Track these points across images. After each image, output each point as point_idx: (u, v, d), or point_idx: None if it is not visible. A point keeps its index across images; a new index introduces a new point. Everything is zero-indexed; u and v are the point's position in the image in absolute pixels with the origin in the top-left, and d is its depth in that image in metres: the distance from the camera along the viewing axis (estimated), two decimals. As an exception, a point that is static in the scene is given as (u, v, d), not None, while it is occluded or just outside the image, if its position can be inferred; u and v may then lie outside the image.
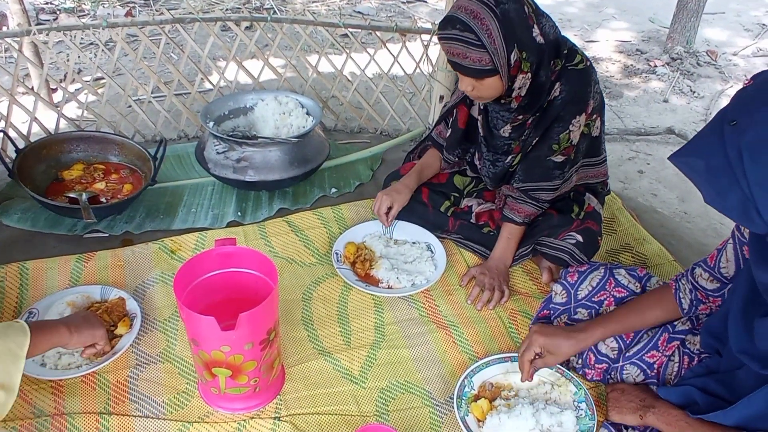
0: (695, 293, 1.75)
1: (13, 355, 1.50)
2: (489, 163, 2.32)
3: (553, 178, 2.20)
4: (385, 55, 3.14)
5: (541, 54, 1.98)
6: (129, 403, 1.83)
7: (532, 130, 2.17)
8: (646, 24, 5.61)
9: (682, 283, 1.79)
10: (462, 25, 1.88)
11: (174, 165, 2.87)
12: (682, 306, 1.77)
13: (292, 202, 2.67)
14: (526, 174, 2.22)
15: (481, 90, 2.01)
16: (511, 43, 1.90)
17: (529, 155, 2.21)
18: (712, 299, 1.73)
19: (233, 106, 2.83)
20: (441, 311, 2.18)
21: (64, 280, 2.21)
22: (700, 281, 1.73)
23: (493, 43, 1.87)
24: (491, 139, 2.27)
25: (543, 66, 2.00)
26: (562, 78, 2.06)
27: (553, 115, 2.10)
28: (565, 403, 1.85)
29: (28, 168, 2.52)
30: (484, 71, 1.92)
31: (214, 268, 1.79)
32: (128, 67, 3.07)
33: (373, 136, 3.27)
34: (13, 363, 1.49)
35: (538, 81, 2.02)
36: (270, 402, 1.84)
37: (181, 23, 2.90)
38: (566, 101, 2.08)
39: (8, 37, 2.74)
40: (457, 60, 1.94)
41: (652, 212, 2.89)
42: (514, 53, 1.91)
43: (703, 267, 1.74)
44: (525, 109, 2.11)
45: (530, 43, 1.94)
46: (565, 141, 2.13)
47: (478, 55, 1.89)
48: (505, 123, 2.19)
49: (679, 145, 3.74)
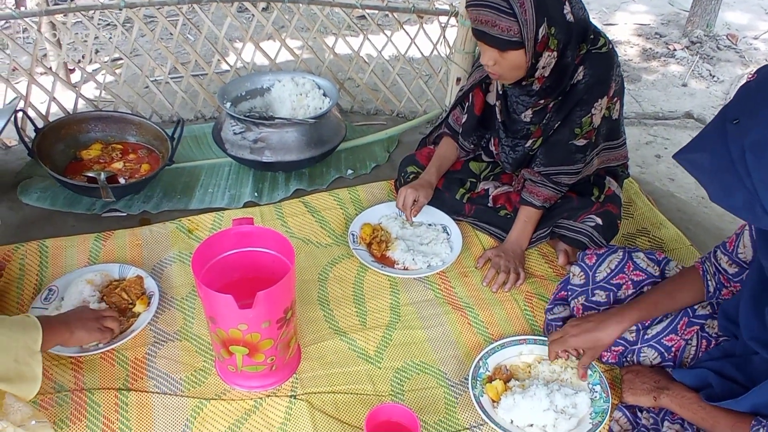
0: (719, 276, 1.74)
1: (30, 349, 1.54)
2: (508, 149, 2.31)
3: (575, 162, 2.19)
4: (401, 36, 3.13)
5: (570, 33, 1.96)
6: (147, 380, 1.85)
7: (553, 114, 2.16)
8: (666, 7, 5.55)
9: (707, 266, 1.78)
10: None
11: (191, 145, 2.89)
12: (708, 289, 1.76)
13: (309, 183, 2.68)
14: (547, 158, 2.22)
15: (503, 65, 1.99)
16: (542, 17, 1.88)
17: (550, 139, 2.20)
18: (733, 284, 1.72)
19: (250, 87, 2.84)
20: (456, 293, 2.19)
21: (83, 258, 2.23)
22: (722, 264, 1.73)
23: (524, 13, 1.86)
24: (511, 124, 2.26)
25: (570, 46, 1.99)
26: (586, 62, 2.05)
27: (576, 98, 2.09)
28: (579, 385, 1.86)
29: (47, 147, 2.54)
30: (510, 43, 1.91)
31: (232, 247, 1.80)
32: (146, 48, 3.08)
33: (389, 118, 3.26)
34: (31, 357, 1.54)
35: (563, 62, 2.01)
36: (286, 380, 1.86)
37: (198, 3, 2.90)
38: (590, 85, 2.06)
39: (27, 16, 2.75)
40: (484, 28, 1.92)
41: (670, 197, 2.87)
42: (543, 27, 1.90)
43: (722, 250, 1.73)
44: (547, 92, 2.10)
45: (560, 19, 1.93)
46: (587, 124, 2.12)
47: (507, 23, 1.87)
48: (526, 108, 2.18)
49: (698, 130, 3.73)
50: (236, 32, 3.93)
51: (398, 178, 2.54)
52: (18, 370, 1.50)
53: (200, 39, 3.03)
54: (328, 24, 3.08)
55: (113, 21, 3.16)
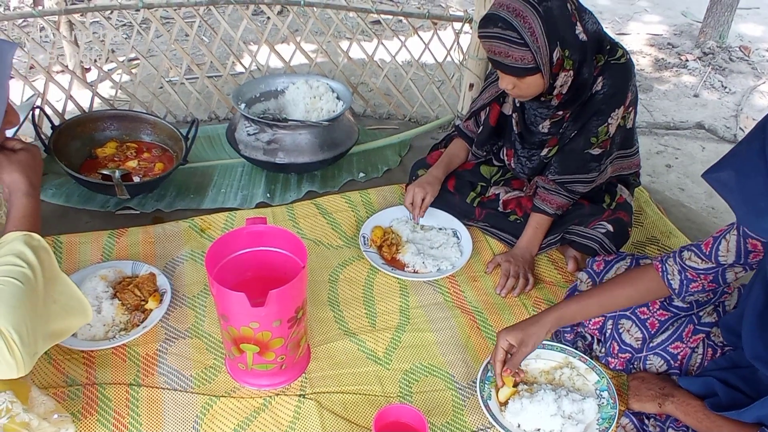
0: (684, 273, 1.72)
1: (61, 279, 1.49)
2: (525, 159, 2.33)
3: (590, 171, 2.20)
4: (415, 42, 3.14)
5: (584, 51, 1.98)
6: (158, 376, 1.87)
7: (570, 123, 2.17)
8: (679, 18, 5.55)
9: (668, 265, 1.75)
10: (504, 23, 1.87)
11: (204, 146, 2.91)
12: (672, 286, 1.74)
13: (321, 186, 2.69)
14: (562, 166, 2.22)
15: (522, 88, 2.01)
16: (554, 41, 1.90)
17: (566, 147, 2.21)
18: (704, 276, 1.69)
19: (264, 89, 2.86)
20: (466, 297, 2.20)
21: (97, 254, 2.26)
22: (689, 263, 1.70)
23: (536, 41, 1.87)
24: (528, 136, 2.28)
25: (586, 63, 2.00)
26: (605, 72, 2.06)
27: (594, 108, 2.11)
28: (587, 390, 1.87)
29: (63, 144, 2.57)
30: (526, 70, 1.93)
31: (245, 246, 1.82)
32: (161, 48, 3.10)
33: (401, 122, 3.28)
34: (64, 284, 1.50)
35: (580, 78, 2.02)
36: (295, 380, 1.88)
37: (215, 5, 2.93)
38: (608, 95, 2.08)
39: (46, 15, 2.78)
40: (498, 59, 1.94)
41: (680, 206, 2.88)
42: (556, 51, 1.91)
43: (695, 252, 1.70)
44: (565, 105, 2.11)
45: (573, 41, 1.94)
46: (604, 134, 2.14)
47: (520, 53, 1.89)
48: (544, 119, 2.19)
49: (709, 141, 3.73)
50: (251, 35, 3.95)
51: (410, 181, 2.55)
52: (67, 309, 1.49)
53: (216, 40, 3.05)
54: (343, 28, 3.10)
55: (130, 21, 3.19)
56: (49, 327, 1.43)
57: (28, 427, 1.45)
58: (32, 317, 1.37)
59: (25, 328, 1.34)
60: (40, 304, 1.41)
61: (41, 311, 1.41)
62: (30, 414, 1.45)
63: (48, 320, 1.43)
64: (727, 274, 1.67)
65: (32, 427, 1.46)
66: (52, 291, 1.47)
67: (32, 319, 1.37)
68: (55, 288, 1.48)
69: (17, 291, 1.36)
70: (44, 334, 1.42)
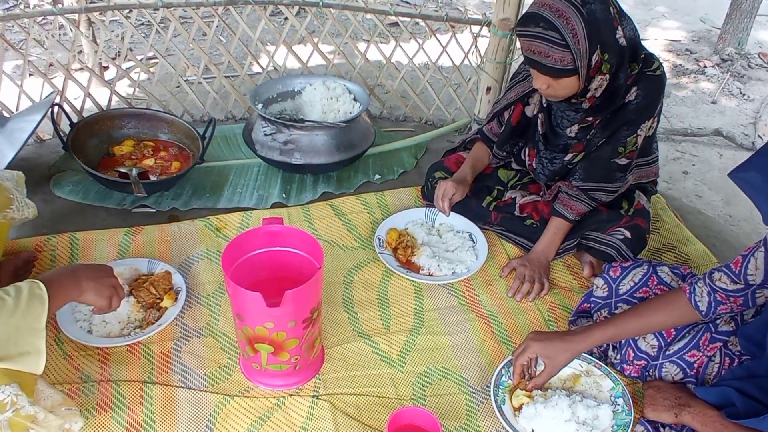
0: (714, 295, 1.70)
1: (34, 329, 1.50)
2: (546, 161, 2.31)
3: (615, 180, 2.20)
4: (432, 44, 3.14)
5: (622, 56, 1.97)
6: (172, 374, 1.87)
7: (599, 131, 2.16)
8: (697, 24, 5.53)
9: (697, 287, 1.73)
10: (546, 23, 1.86)
11: (221, 145, 2.92)
12: (699, 309, 1.72)
13: (336, 187, 2.69)
14: (587, 173, 2.21)
15: (556, 89, 2.00)
16: (595, 44, 1.89)
17: (592, 155, 2.20)
18: (733, 299, 1.68)
19: (281, 89, 2.86)
20: (480, 301, 2.19)
21: (113, 252, 2.26)
22: (719, 284, 1.68)
23: (577, 43, 1.86)
24: (553, 138, 2.27)
25: (622, 68, 1.99)
26: (640, 83, 2.05)
27: (625, 118, 2.10)
28: (602, 397, 1.85)
29: (81, 142, 2.58)
30: (563, 71, 1.91)
31: (261, 246, 1.82)
32: (180, 48, 3.12)
33: (417, 125, 3.28)
34: (34, 336, 1.50)
35: (615, 83, 2.01)
36: (309, 380, 1.88)
37: (234, 5, 2.94)
38: (641, 106, 2.07)
39: (67, 13, 2.80)
40: (537, 58, 1.92)
41: (697, 213, 2.86)
42: (596, 54, 1.90)
43: (725, 272, 1.68)
44: (595, 110, 2.10)
45: (613, 45, 1.93)
46: (631, 144, 2.13)
47: (560, 54, 1.87)
48: (572, 123, 2.18)
49: (726, 148, 3.71)
50: (269, 35, 3.96)
51: (426, 184, 2.55)
52: (19, 351, 1.48)
53: (234, 40, 3.06)
54: (361, 30, 3.10)
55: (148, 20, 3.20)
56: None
57: (33, 420, 1.45)
58: None
59: None
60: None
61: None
62: (36, 407, 1.45)
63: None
64: (756, 296, 1.65)
65: (38, 420, 1.46)
66: (20, 335, 1.48)
67: None
68: (23, 336, 1.49)
69: None
70: None
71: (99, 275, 1.74)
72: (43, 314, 1.53)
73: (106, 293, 1.75)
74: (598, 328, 1.81)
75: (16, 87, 2.78)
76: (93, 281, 1.71)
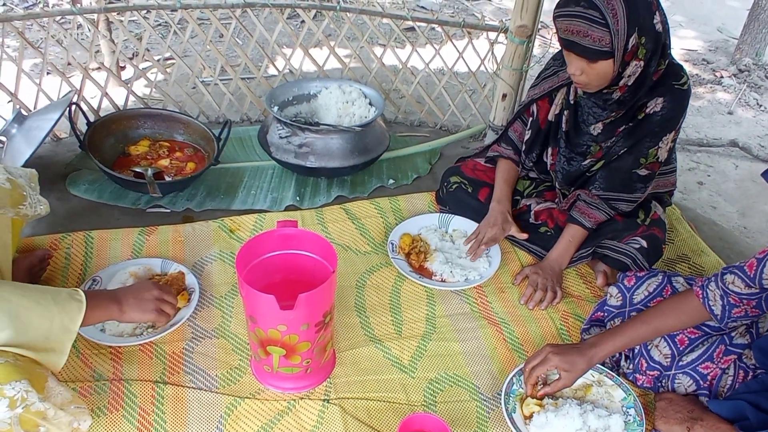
0: (727, 299, 1.69)
1: (67, 329, 1.57)
2: (564, 160, 2.30)
3: (635, 191, 2.18)
4: (448, 50, 3.14)
5: (658, 42, 1.95)
6: (183, 375, 1.88)
7: (620, 139, 2.15)
8: (714, 34, 5.50)
9: (710, 290, 1.72)
10: (587, 2, 1.85)
11: (236, 147, 2.93)
12: (714, 312, 1.71)
13: (350, 191, 2.70)
14: (607, 182, 2.20)
15: (590, 75, 1.97)
16: (633, 27, 1.87)
17: (612, 164, 2.19)
18: (747, 302, 1.67)
19: (297, 92, 2.87)
20: (493, 308, 2.19)
21: (127, 251, 2.27)
22: (732, 288, 1.67)
23: (616, 23, 1.85)
24: (575, 136, 2.25)
25: (655, 57, 1.97)
26: (667, 95, 2.04)
27: (648, 129, 2.09)
28: (613, 407, 1.84)
29: (97, 141, 2.60)
30: (600, 53, 1.89)
31: (275, 249, 1.82)
32: (196, 49, 3.13)
33: (432, 130, 3.28)
34: (64, 334, 1.57)
35: (647, 71, 1.99)
36: (320, 384, 1.88)
37: (252, 8, 2.95)
38: (665, 119, 2.06)
39: (86, 13, 2.82)
40: (575, 39, 1.90)
41: (711, 224, 2.84)
42: (633, 37, 1.89)
43: (738, 275, 1.66)
44: (623, 103, 2.08)
45: (651, 29, 1.92)
46: (653, 156, 2.12)
47: (599, 34, 1.86)
48: (597, 120, 2.17)
49: (742, 159, 3.69)
50: (285, 38, 3.97)
51: (440, 188, 2.55)
52: (47, 345, 1.54)
53: (251, 43, 3.07)
54: (377, 34, 3.11)
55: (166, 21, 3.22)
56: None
57: (43, 416, 1.46)
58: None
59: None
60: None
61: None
62: (46, 403, 1.46)
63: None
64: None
65: (48, 417, 1.47)
66: (53, 331, 1.55)
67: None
68: (56, 332, 1.56)
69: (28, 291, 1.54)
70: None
71: (138, 292, 1.85)
72: (79, 318, 1.59)
73: (150, 306, 1.84)
74: (611, 337, 1.82)
75: (34, 85, 2.81)
76: (133, 299, 1.80)
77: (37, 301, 1.52)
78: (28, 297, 1.52)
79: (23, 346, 1.50)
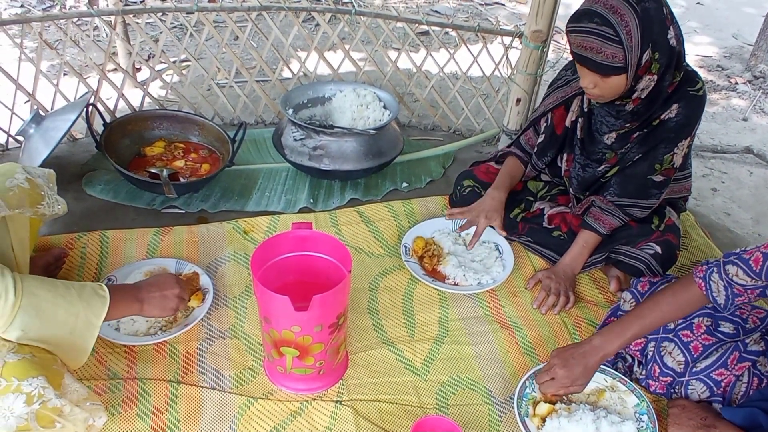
0: (731, 289, 1.67)
1: (91, 324, 1.59)
2: (579, 166, 2.30)
3: (650, 197, 2.18)
4: (463, 54, 3.14)
5: (672, 57, 1.95)
6: (197, 374, 1.89)
7: (635, 145, 2.14)
8: (729, 40, 5.48)
9: (713, 282, 1.70)
10: (600, 19, 1.85)
11: (250, 149, 2.94)
12: (717, 302, 1.70)
13: (364, 194, 2.71)
14: (621, 188, 2.19)
15: (603, 88, 1.97)
16: (647, 43, 1.87)
17: (627, 170, 2.18)
18: (750, 291, 1.65)
19: (312, 95, 2.88)
20: (505, 312, 2.19)
21: (142, 251, 2.29)
22: (736, 280, 1.65)
23: (630, 40, 1.85)
24: (590, 143, 2.25)
25: (669, 71, 1.97)
26: (682, 101, 2.04)
27: (663, 135, 2.08)
28: (626, 413, 1.84)
29: (113, 142, 2.62)
30: (613, 68, 1.89)
31: (290, 250, 1.83)
32: (212, 51, 3.15)
33: (446, 134, 3.28)
34: (89, 331, 1.59)
35: (661, 85, 1.99)
36: (332, 386, 1.88)
37: (268, 11, 2.96)
38: (680, 125, 2.06)
39: (104, 15, 2.84)
40: (588, 54, 1.90)
41: (725, 231, 2.83)
42: (647, 53, 1.89)
43: (742, 268, 1.64)
44: (635, 115, 2.08)
45: (665, 45, 1.91)
46: (668, 162, 2.12)
47: (612, 50, 1.86)
48: (610, 130, 2.17)
49: (757, 166, 3.67)
50: (300, 41, 3.99)
51: (454, 192, 2.55)
52: (71, 341, 1.56)
53: (266, 45, 3.09)
54: (392, 38, 3.12)
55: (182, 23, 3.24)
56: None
57: (59, 413, 1.47)
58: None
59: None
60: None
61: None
62: (62, 400, 1.48)
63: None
64: None
65: (64, 413, 1.48)
66: (78, 326, 1.57)
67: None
68: (80, 327, 1.58)
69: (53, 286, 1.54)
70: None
71: (162, 288, 1.83)
72: (103, 313, 1.60)
73: (172, 305, 1.84)
74: (605, 343, 1.81)
75: (52, 86, 2.83)
76: (157, 297, 1.80)
77: (63, 296, 1.54)
78: (53, 291, 1.53)
79: (48, 341, 1.52)
